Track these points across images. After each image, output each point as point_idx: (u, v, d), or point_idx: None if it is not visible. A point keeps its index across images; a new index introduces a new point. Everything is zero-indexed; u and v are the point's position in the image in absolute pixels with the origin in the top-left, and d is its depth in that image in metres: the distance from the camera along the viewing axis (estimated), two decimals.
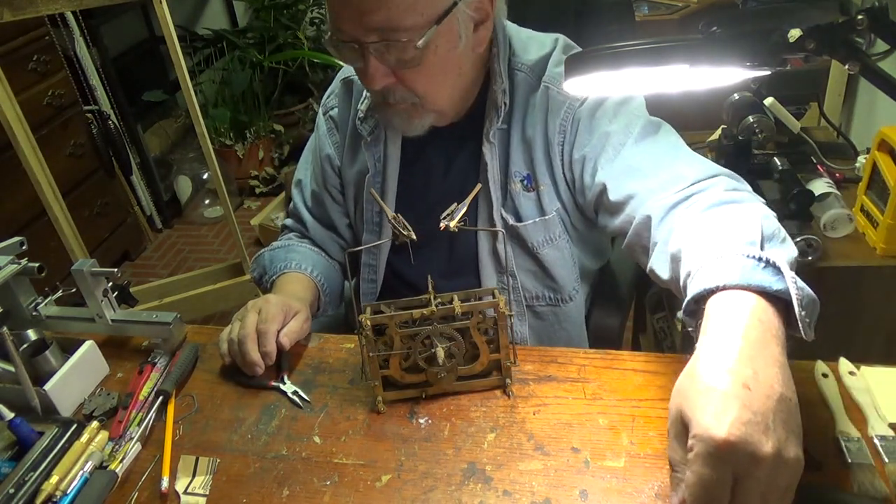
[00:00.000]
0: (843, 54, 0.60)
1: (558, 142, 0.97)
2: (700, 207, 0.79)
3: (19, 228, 2.27)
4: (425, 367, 0.85)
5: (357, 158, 1.10)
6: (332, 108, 1.14)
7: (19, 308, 0.99)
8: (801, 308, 0.61)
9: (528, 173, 1.00)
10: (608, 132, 0.93)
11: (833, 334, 1.36)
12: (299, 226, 1.22)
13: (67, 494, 0.78)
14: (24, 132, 1.94)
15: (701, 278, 0.66)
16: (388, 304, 0.87)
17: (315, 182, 1.18)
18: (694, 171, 0.86)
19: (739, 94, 1.55)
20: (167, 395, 0.91)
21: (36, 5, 1.71)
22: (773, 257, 0.64)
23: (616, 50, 0.66)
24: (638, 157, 0.91)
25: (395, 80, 0.89)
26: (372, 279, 1.15)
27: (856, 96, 1.88)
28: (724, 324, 0.61)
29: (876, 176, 1.32)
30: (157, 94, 3.10)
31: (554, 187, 1.00)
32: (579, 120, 0.96)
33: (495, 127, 0.98)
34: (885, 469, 0.71)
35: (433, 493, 0.75)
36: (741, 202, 0.79)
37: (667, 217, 0.83)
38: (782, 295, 0.62)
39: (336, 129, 1.13)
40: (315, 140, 1.18)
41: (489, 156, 0.99)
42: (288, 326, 0.95)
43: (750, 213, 0.74)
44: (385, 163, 1.07)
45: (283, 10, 3.26)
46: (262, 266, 1.16)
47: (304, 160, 1.22)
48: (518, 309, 1.08)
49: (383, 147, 1.06)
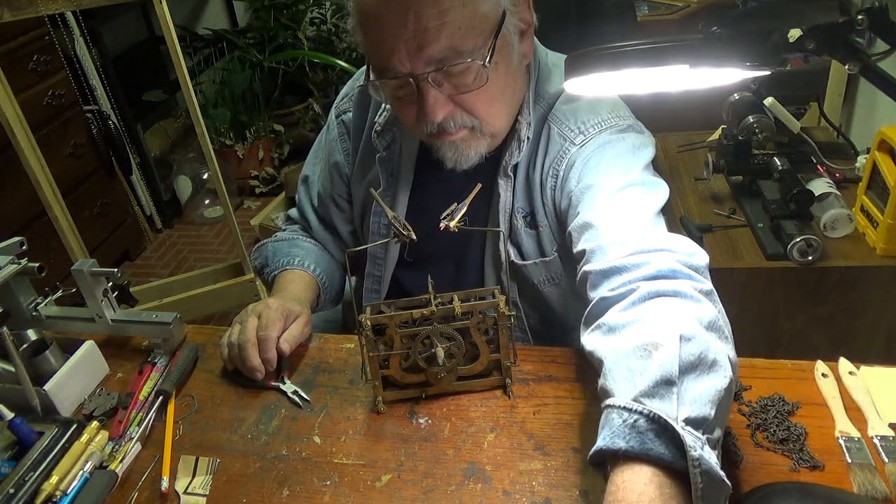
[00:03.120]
0: (843, 54, 0.60)
1: (550, 185, 0.94)
2: (625, 302, 0.71)
3: (19, 228, 2.27)
4: (425, 367, 0.85)
5: (369, 171, 1.07)
6: (345, 111, 1.09)
7: (19, 308, 0.99)
8: (699, 492, 0.55)
9: (529, 210, 0.97)
10: (592, 185, 0.87)
11: (833, 334, 1.37)
12: (303, 221, 1.21)
13: (67, 494, 0.78)
14: (24, 132, 1.94)
15: (603, 436, 0.60)
16: (388, 304, 0.87)
17: (321, 185, 1.15)
18: (641, 240, 0.77)
19: (739, 94, 1.55)
20: (167, 395, 0.91)
21: (36, 5, 1.71)
22: (683, 415, 0.58)
23: (616, 50, 0.66)
24: (601, 215, 0.83)
25: (454, 107, 0.85)
26: (376, 289, 1.13)
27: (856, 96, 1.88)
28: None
29: (876, 176, 1.32)
30: (157, 94, 3.10)
31: (550, 228, 0.97)
32: (573, 164, 0.91)
33: (515, 160, 0.94)
34: (885, 469, 0.71)
35: (433, 493, 0.75)
36: (674, 296, 0.69)
37: (600, 286, 0.76)
38: (684, 469, 0.56)
39: (348, 135, 1.09)
40: (325, 140, 1.14)
41: (503, 188, 0.96)
42: (288, 332, 0.95)
43: (672, 328, 0.64)
44: (397, 180, 1.03)
45: (283, 10, 3.26)
46: (265, 257, 1.15)
47: (313, 156, 1.19)
48: (522, 335, 1.07)
49: (397, 165, 1.03)
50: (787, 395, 0.82)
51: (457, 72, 0.81)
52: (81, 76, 2.64)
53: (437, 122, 0.85)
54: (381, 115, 1.02)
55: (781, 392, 0.82)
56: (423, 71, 0.80)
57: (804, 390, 0.83)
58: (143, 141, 3.03)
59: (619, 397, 0.61)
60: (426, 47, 0.78)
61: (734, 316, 0.73)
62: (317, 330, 1.29)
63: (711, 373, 0.62)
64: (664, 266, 0.72)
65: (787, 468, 0.73)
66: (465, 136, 0.88)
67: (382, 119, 1.02)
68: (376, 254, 1.11)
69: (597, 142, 0.91)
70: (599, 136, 0.91)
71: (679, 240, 0.77)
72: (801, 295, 1.32)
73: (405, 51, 0.79)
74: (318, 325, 1.31)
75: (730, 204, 1.51)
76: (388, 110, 1.01)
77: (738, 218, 1.45)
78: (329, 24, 3.27)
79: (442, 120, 0.85)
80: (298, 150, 3.31)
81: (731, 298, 1.36)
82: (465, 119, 0.86)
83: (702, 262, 0.75)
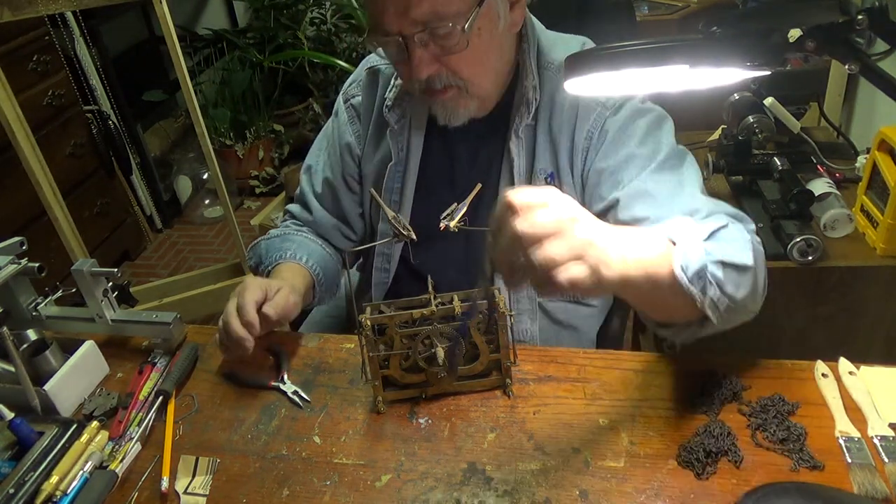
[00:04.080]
0: (843, 54, 0.60)
1: (583, 147, 0.98)
2: None
3: (19, 228, 2.27)
4: (425, 367, 0.85)
5: (379, 147, 1.11)
6: (354, 96, 1.14)
7: (19, 308, 0.99)
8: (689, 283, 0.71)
9: (552, 171, 1.01)
10: (634, 154, 0.94)
11: (833, 334, 1.37)
12: (304, 212, 1.21)
13: (67, 494, 0.78)
14: (24, 132, 1.95)
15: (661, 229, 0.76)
16: (388, 304, 0.87)
17: (330, 170, 1.17)
18: (706, 207, 0.87)
19: (739, 94, 1.55)
20: (167, 395, 0.91)
21: (36, 5, 1.71)
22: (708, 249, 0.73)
23: (616, 50, 0.66)
24: (655, 185, 0.91)
25: (439, 67, 0.91)
26: (385, 268, 1.15)
27: (856, 96, 1.88)
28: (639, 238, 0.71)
29: (876, 176, 1.32)
30: (157, 94, 3.10)
31: (572, 189, 1.01)
32: (608, 131, 0.96)
33: (525, 122, 0.99)
34: (885, 469, 0.71)
35: (433, 493, 0.75)
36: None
37: None
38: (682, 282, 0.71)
39: (358, 118, 1.14)
40: (333, 128, 1.17)
41: (516, 151, 1.00)
42: (271, 301, 0.94)
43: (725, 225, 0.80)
44: (408, 152, 1.08)
45: (283, 10, 3.26)
46: (259, 255, 1.15)
47: (318, 147, 1.21)
48: (530, 306, 1.08)
49: (407, 137, 1.07)
50: (787, 395, 0.82)
51: (441, 34, 0.86)
52: (81, 76, 2.64)
53: (422, 79, 0.91)
54: (392, 90, 1.07)
55: (781, 392, 0.82)
56: (411, 31, 0.86)
57: (804, 390, 0.83)
58: (143, 141, 3.03)
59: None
60: (411, 9, 0.84)
61: None
62: (320, 326, 1.29)
63: (731, 244, 0.76)
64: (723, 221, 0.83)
65: (787, 468, 0.73)
66: (453, 96, 0.94)
67: (392, 94, 1.07)
68: (385, 232, 1.12)
69: (628, 109, 0.96)
70: (629, 104, 0.97)
71: (730, 207, 0.88)
72: (801, 295, 1.32)
73: (393, 11, 0.85)
74: (321, 321, 1.31)
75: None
76: (397, 87, 1.06)
77: None
78: (329, 24, 3.27)
79: (427, 78, 0.91)
80: (298, 150, 3.31)
81: None
82: (450, 79, 0.92)
83: (751, 226, 0.86)
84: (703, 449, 0.75)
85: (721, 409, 0.81)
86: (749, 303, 0.78)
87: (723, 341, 0.81)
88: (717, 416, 0.81)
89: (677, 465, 0.75)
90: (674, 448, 0.77)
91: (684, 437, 0.78)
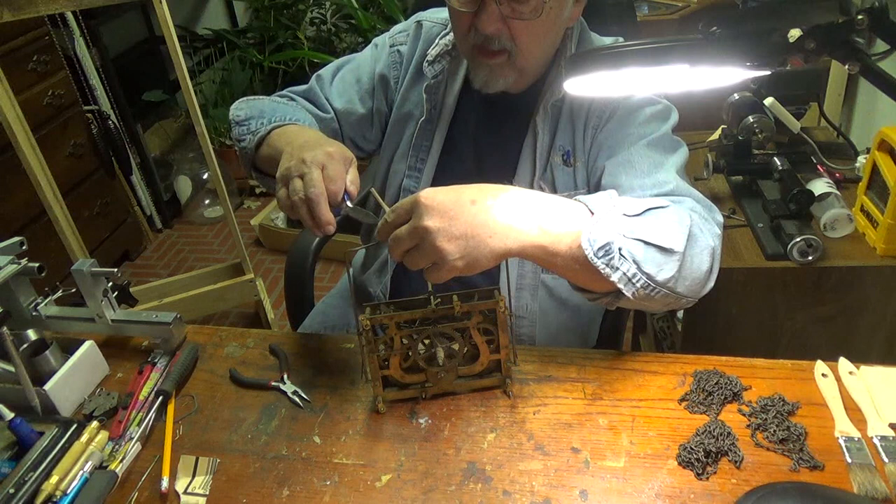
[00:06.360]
0: (843, 54, 0.60)
1: (594, 125, 1.02)
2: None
3: (19, 228, 2.27)
4: (425, 367, 0.85)
5: (410, 99, 1.13)
6: (401, 43, 1.16)
7: (19, 308, 0.99)
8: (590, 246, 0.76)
9: (569, 149, 1.04)
10: (632, 132, 0.98)
11: (833, 334, 1.37)
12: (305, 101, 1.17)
13: (67, 494, 0.78)
14: (24, 132, 1.94)
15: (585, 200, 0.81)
16: (387, 304, 0.87)
17: (347, 103, 1.15)
18: (678, 186, 0.91)
19: (739, 94, 1.55)
20: (167, 395, 0.91)
21: (36, 5, 1.71)
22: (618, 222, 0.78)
23: (616, 50, 0.66)
24: (639, 158, 0.95)
25: (502, 27, 0.93)
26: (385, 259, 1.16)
27: (856, 96, 1.88)
28: (552, 201, 0.79)
29: (876, 176, 1.32)
30: (157, 94, 3.10)
31: (584, 166, 1.04)
32: (616, 109, 1.00)
33: (555, 98, 1.02)
34: (885, 469, 0.72)
35: (433, 493, 0.75)
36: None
37: None
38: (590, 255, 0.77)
39: (399, 65, 1.16)
40: (370, 58, 1.17)
41: (541, 125, 1.03)
42: (351, 176, 0.84)
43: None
44: (440, 111, 1.10)
45: (283, 10, 3.26)
46: (249, 108, 1.10)
47: (336, 66, 1.19)
48: (533, 282, 1.08)
49: (441, 96, 1.10)
50: (787, 395, 0.82)
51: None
52: (81, 76, 2.64)
53: (486, 32, 0.92)
54: (435, 47, 1.11)
55: (781, 392, 0.82)
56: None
57: (804, 390, 0.83)
58: (143, 141, 3.03)
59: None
60: None
61: (734, 316, 0.73)
62: (318, 328, 1.29)
63: (652, 219, 0.80)
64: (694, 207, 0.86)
65: (787, 468, 0.74)
66: (500, 63, 0.96)
67: (435, 51, 1.10)
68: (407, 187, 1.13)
69: (641, 96, 0.99)
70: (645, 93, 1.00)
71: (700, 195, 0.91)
72: (801, 295, 1.32)
73: None
74: (319, 323, 1.31)
75: (730, 204, 1.51)
76: (441, 46, 1.10)
77: (738, 218, 1.45)
78: (329, 24, 3.27)
79: (489, 33, 0.93)
80: None
81: (731, 298, 1.37)
82: (506, 43, 0.94)
83: (719, 217, 0.89)
84: (703, 449, 0.75)
85: (721, 409, 0.82)
86: (678, 287, 0.80)
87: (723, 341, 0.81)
88: (717, 416, 0.81)
89: (677, 465, 0.75)
90: (674, 448, 0.77)
91: (684, 437, 0.78)
